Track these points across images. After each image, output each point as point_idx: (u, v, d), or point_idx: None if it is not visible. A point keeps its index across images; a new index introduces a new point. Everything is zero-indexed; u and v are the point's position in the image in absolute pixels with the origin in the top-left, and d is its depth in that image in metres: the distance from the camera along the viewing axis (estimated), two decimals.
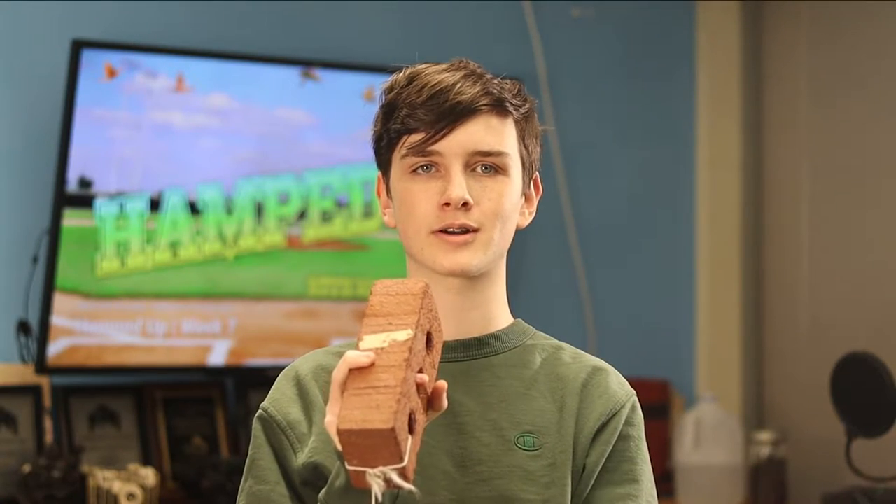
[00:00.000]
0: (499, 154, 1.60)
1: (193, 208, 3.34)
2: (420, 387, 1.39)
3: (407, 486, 1.34)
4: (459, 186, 1.57)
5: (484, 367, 1.62)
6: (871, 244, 3.80)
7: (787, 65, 4.05)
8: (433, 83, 1.60)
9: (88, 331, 3.24)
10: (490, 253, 1.60)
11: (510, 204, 1.61)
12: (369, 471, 1.34)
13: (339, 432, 1.34)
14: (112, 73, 3.23)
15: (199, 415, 3.46)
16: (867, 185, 3.82)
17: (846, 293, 3.85)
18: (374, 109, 1.67)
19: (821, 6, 3.95)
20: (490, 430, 1.58)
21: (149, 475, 3.15)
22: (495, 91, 1.61)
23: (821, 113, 3.95)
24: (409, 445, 1.34)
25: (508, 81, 1.64)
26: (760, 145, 4.14)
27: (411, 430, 1.36)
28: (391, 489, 1.35)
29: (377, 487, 1.34)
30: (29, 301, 3.28)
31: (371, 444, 1.32)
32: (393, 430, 1.31)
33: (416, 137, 1.59)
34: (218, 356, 3.39)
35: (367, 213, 3.53)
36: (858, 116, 3.84)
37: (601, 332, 3.98)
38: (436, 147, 1.58)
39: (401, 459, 1.33)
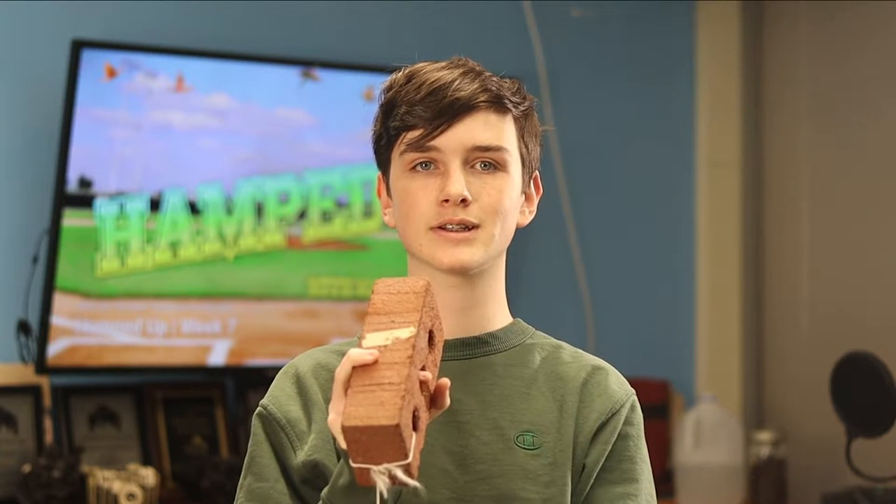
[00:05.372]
0: (497, 149, 1.60)
1: (193, 208, 3.34)
2: (423, 384, 1.39)
3: (412, 482, 1.34)
4: (458, 183, 1.57)
5: (484, 366, 1.62)
6: (871, 244, 3.80)
7: (787, 64, 4.05)
8: (431, 80, 1.60)
9: (88, 331, 3.24)
10: (490, 249, 1.60)
11: (510, 200, 1.61)
12: (374, 468, 1.34)
13: (344, 429, 1.34)
14: (112, 73, 3.23)
15: (199, 415, 3.46)
16: (867, 185, 3.82)
17: (846, 293, 3.85)
18: (374, 109, 1.67)
19: (821, 6, 3.95)
20: (490, 428, 1.58)
21: (149, 475, 3.15)
22: (494, 88, 1.61)
23: (821, 113, 3.95)
24: (414, 442, 1.34)
25: (507, 79, 1.64)
26: (760, 145, 4.14)
27: (415, 428, 1.36)
28: (396, 486, 1.35)
29: (382, 484, 1.34)
30: (29, 301, 3.28)
31: (376, 441, 1.32)
32: (398, 426, 1.31)
33: (414, 134, 1.59)
34: (218, 356, 3.39)
35: (367, 213, 3.53)
36: (858, 116, 3.84)
37: (601, 332, 3.98)
38: (434, 143, 1.58)
39: (405, 456, 1.33)
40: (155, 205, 3.29)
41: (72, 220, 3.20)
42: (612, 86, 4.08)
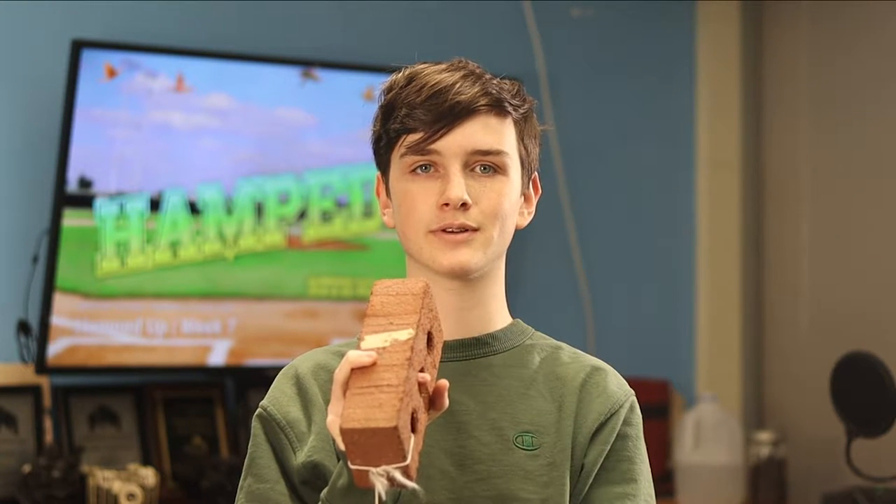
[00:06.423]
0: (497, 153, 1.60)
1: (193, 208, 3.34)
2: (422, 386, 1.40)
3: (410, 484, 1.35)
4: (458, 187, 1.57)
5: (483, 367, 1.62)
6: (871, 244, 3.80)
7: (787, 64, 4.05)
8: (432, 83, 1.60)
9: (88, 331, 3.24)
10: (490, 252, 1.60)
11: (509, 203, 1.61)
12: (373, 470, 1.34)
13: (343, 431, 1.34)
14: (112, 73, 3.23)
15: (199, 415, 3.46)
16: (867, 185, 3.82)
17: (846, 293, 3.85)
18: (374, 109, 1.67)
19: (821, 6, 3.95)
20: (489, 429, 1.59)
21: (149, 475, 3.15)
22: (494, 91, 1.61)
23: (820, 112, 3.95)
24: (412, 444, 1.35)
25: (507, 81, 1.65)
26: (760, 145, 4.14)
27: (414, 429, 1.36)
28: (395, 488, 1.35)
29: (381, 486, 1.34)
30: (29, 301, 3.28)
31: (374, 443, 1.32)
32: (396, 428, 1.31)
33: (414, 137, 1.59)
34: (218, 356, 3.39)
35: (367, 213, 3.53)
36: (858, 116, 3.84)
37: (601, 332, 3.98)
38: (434, 147, 1.59)
39: (404, 458, 1.33)
40: (155, 205, 3.29)
41: (72, 220, 3.20)
42: (612, 86, 4.08)
